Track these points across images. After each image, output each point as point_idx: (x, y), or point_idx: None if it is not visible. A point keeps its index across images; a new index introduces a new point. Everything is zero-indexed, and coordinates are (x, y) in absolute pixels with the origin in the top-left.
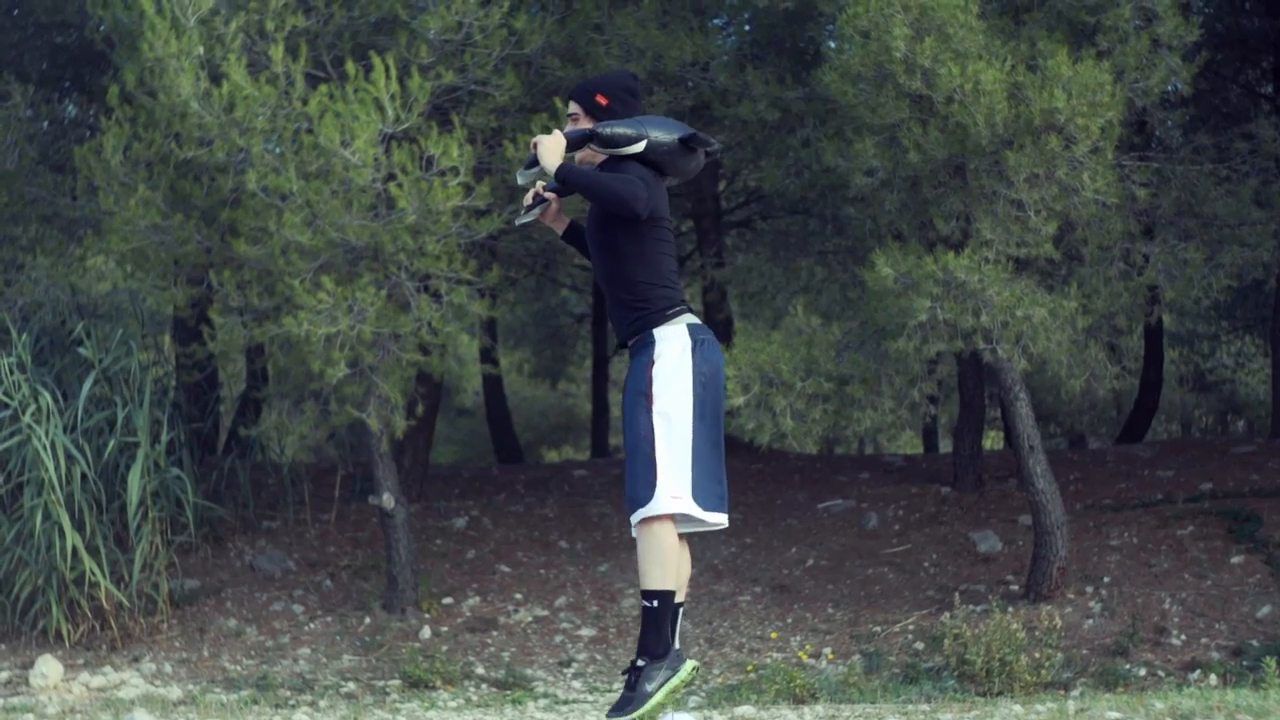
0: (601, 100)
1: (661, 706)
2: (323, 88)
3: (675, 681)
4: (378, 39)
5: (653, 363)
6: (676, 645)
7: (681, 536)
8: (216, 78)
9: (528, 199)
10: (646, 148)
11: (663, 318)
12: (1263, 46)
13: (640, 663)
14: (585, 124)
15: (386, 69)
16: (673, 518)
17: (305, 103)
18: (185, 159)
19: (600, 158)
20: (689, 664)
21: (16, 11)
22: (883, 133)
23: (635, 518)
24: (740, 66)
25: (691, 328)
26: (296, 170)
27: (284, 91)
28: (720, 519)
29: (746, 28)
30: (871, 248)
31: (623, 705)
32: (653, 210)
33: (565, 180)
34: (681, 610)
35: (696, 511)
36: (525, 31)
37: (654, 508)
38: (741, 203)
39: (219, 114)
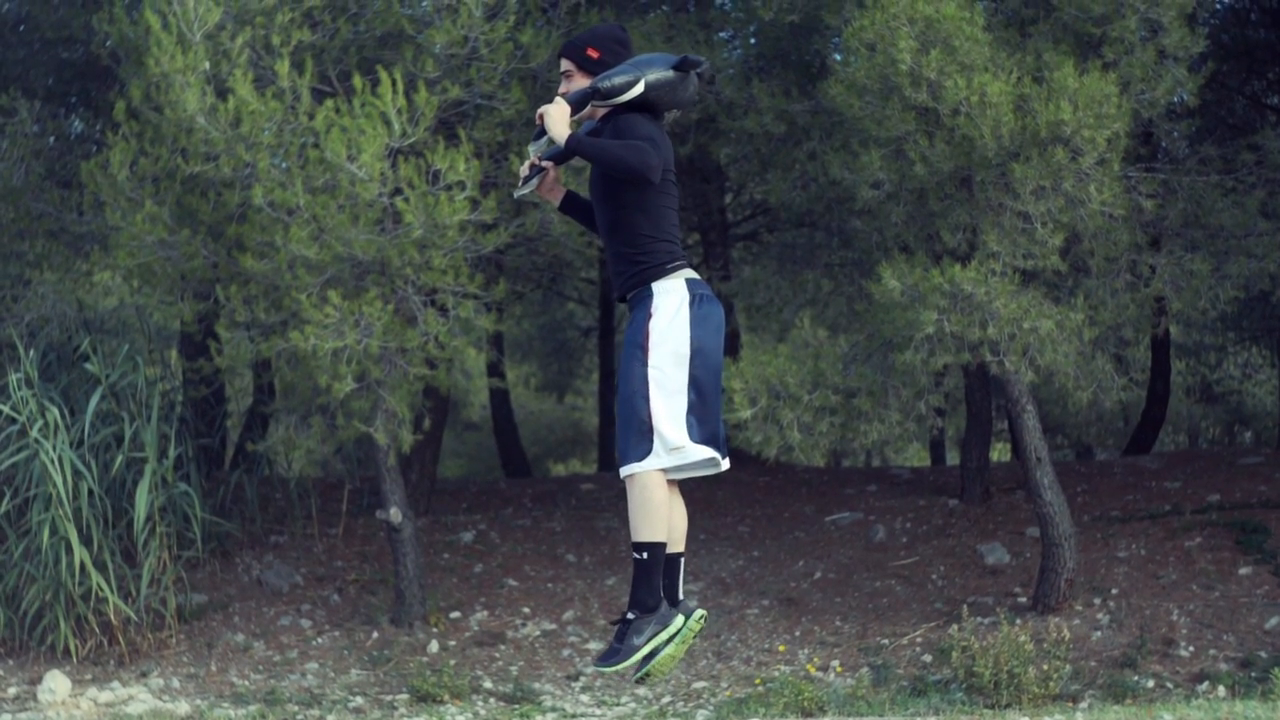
0: (593, 53)
1: (648, 657)
2: (329, 102)
3: (666, 634)
4: (384, 53)
5: (650, 316)
6: (681, 598)
7: (673, 484)
8: (223, 93)
9: (524, 169)
10: (646, 88)
11: (662, 271)
12: (1269, 57)
13: (630, 615)
14: (579, 79)
15: (393, 83)
16: (665, 469)
17: (311, 117)
18: (192, 174)
19: (602, 110)
20: (697, 613)
21: (23, 28)
22: (889, 145)
23: (625, 471)
24: (746, 80)
25: (690, 282)
26: (303, 185)
27: (290, 106)
28: (720, 459)
29: (752, 41)
30: (878, 260)
31: (609, 656)
32: (666, 163)
33: (575, 151)
34: (682, 562)
35: (701, 453)
36: (531, 45)
37: (650, 463)
38: (748, 216)
39: (225, 129)
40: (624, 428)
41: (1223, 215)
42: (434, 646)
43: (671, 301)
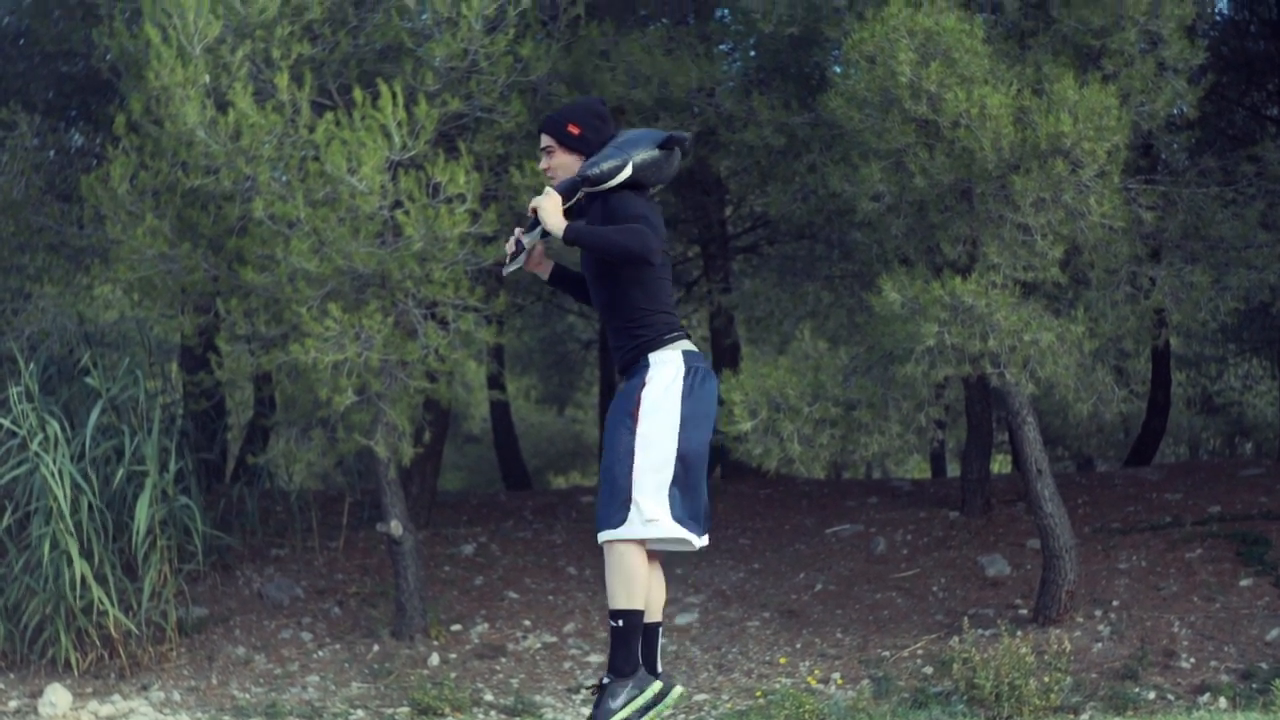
0: (573, 129)
1: None
2: (329, 115)
3: (643, 699)
4: (384, 66)
5: (644, 385)
6: (660, 668)
7: (653, 556)
8: (223, 106)
9: (510, 246)
10: (633, 170)
11: (660, 342)
12: (1269, 69)
13: (606, 680)
14: (559, 155)
15: (393, 96)
16: (641, 540)
17: (311, 130)
18: (192, 187)
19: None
20: (677, 690)
21: (23, 41)
22: (889, 157)
23: (602, 537)
24: (746, 92)
25: (687, 355)
26: (303, 198)
27: (290, 119)
28: (698, 539)
29: (752, 54)
30: (878, 272)
31: None
32: (660, 241)
33: (575, 242)
34: (659, 632)
35: (676, 532)
36: (531, 58)
37: (625, 532)
38: (748, 228)
39: (225, 142)
40: (604, 494)
41: (1223, 227)
42: (435, 659)
43: (666, 373)
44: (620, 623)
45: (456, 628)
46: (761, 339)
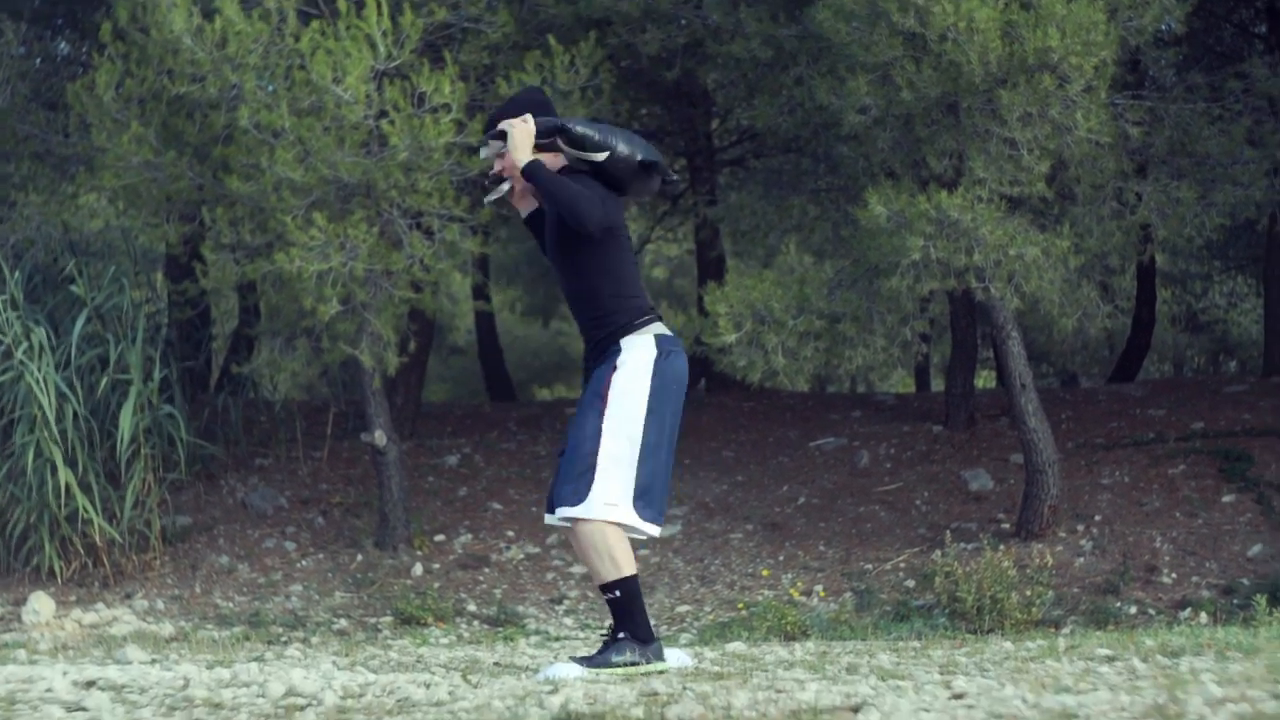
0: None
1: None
2: (314, 24)
3: (643, 669)
4: None
5: (615, 369)
6: (655, 635)
7: None
8: (209, 13)
9: (493, 171)
10: (609, 159)
11: (631, 327)
12: None
13: (621, 635)
14: (509, 156)
15: (379, 5)
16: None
17: (297, 39)
18: (177, 95)
19: (562, 161)
20: (659, 664)
21: None
22: (876, 71)
23: (559, 514)
24: (734, 4)
25: (659, 339)
26: (289, 107)
27: (276, 28)
28: (654, 529)
29: None
30: (864, 186)
31: (586, 659)
32: (610, 221)
33: (530, 177)
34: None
35: (632, 520)
36: None
37: (583, 512)
38: (734, 141)
39: (211, 50)
40: (565, 470)
41: (1209, 143)
42: (418, 569)
43: (638, 358)
44: (617, 593)
45: (440, 538)
46: (747, 252)
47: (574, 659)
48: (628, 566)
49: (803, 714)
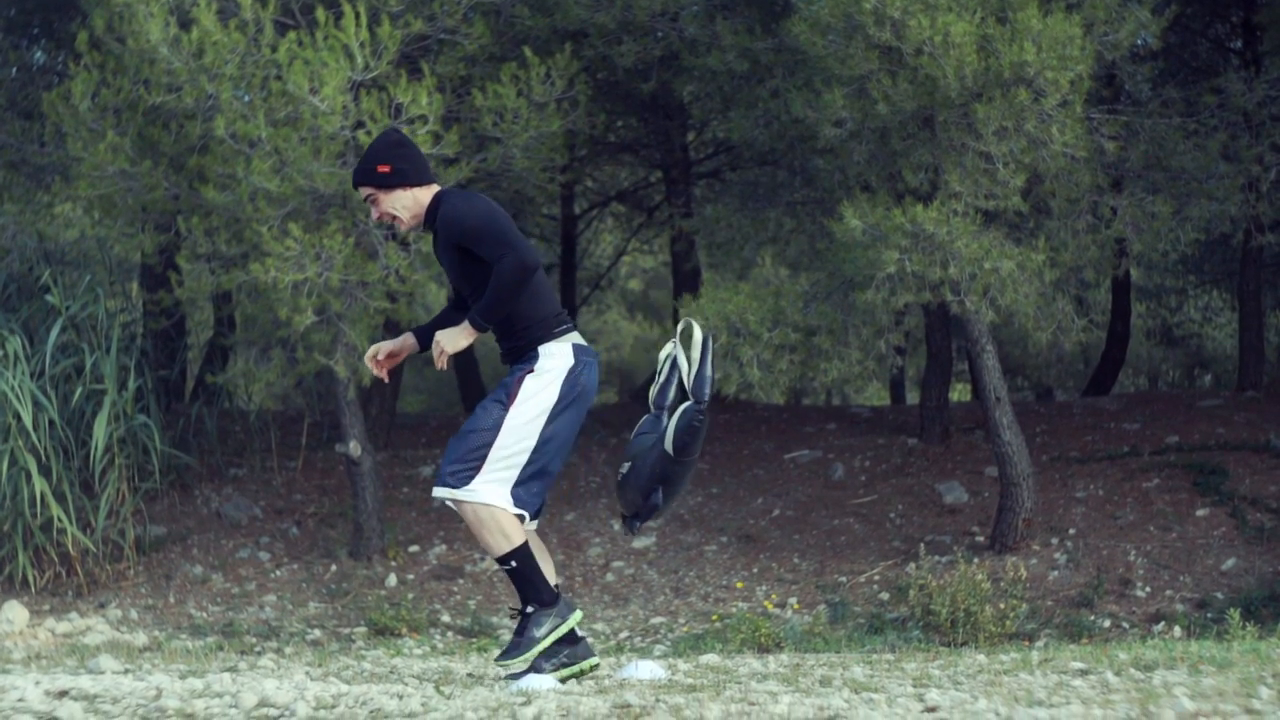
0: (384, 169)
1: (546, 654)
2: (291, 34)
3: (566, 627)
4: None
5: (529, 372)
6: (582, 636)
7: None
8: (186, 23)
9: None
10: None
11: (550, 336)
12: (1232, 1)
13: (529, 609)
14: (385, 198)
15: (356, 16)
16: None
17: (274, 49)
18: (154, 105)
19: (406, 217)
20: (592, 660)
21: None
22: (852, 84)
23: (443, 494)
24: (710, 17)
25: (577, 349)
26: (265, 117)
27: (253, 38)
28: (529, 524)
29: None
30: (840, 199)
31: (509, 651)
32: (533, 255)
33: (488, 325)
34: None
35: (508, 509)
36: None
37: (460, 495)
38: (710, 154)
39: (188, 60)
40: (454, 450)
41: (1184, 158)
42: (392, 580)
43: (556, 365)
44: (513, 563)
45: (414, 549)
46: (722, 264)
47: (498, 659)
48: (517, 536)
49: None
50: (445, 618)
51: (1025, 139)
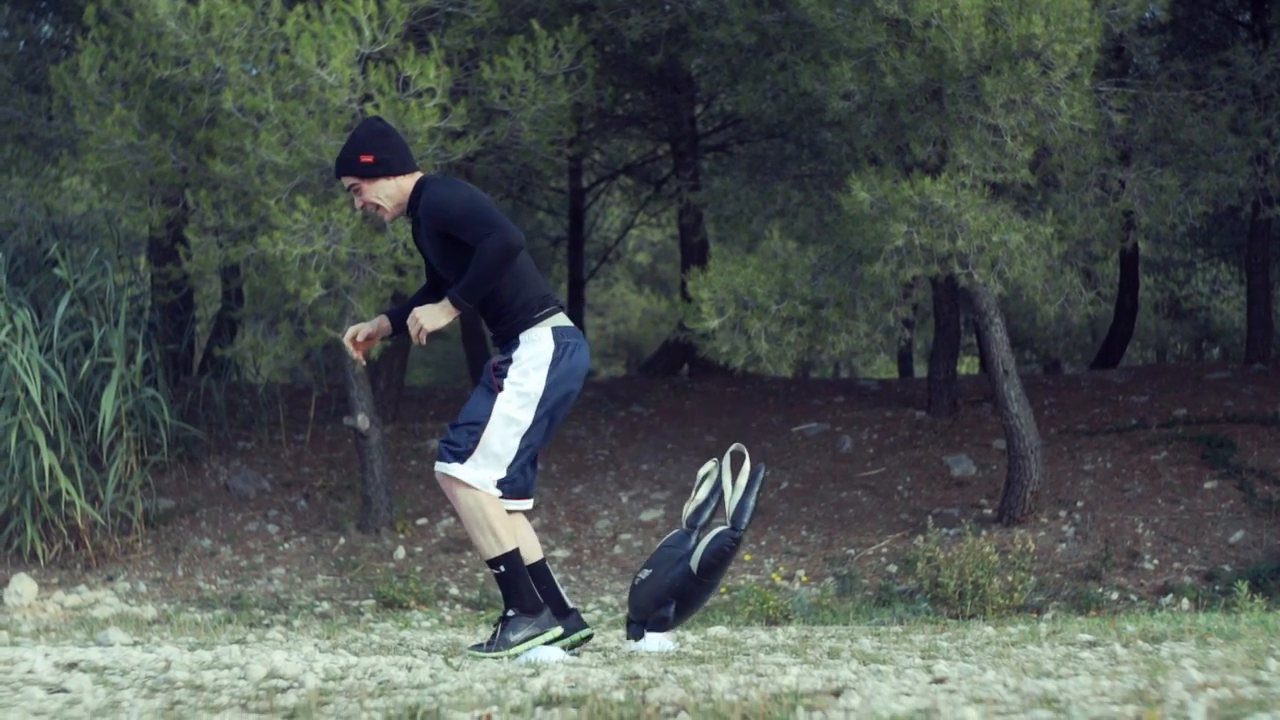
0: (367, 159)
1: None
2: (299, 7)
3: (542, 639)
4: None
5: (512, 361)
6: (572, 607)
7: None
8: None
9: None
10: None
11: (532, 321)
12: None
13: (510, 613)
14: (368, 187)
15: None
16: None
17: (282, 23)
18: (161, 78)
19: (389, 207)
20: (585, 632)
21: None
22: (860, 57)
23: (444, 466)
24: None
25: (558, 330)
26: (273, 90)
27: (260, 11)
28: (524, 504)
29: None
30: (848, 172)
31: (483, 645)
32: (517, 234)
33: (471, 302)
34: (547, 566)
35: (493, 494)
36: None
37: (462, 473)
38: (718, 126)
39: (196, 33)
40: (456, 431)
41: (1192, 131)
42: (400, 553)
43: (536, 350)
44: (502, 568)
45: (422, 521)
46: (730, 237)
47: (470, 649)
48: (509, 541)
49: (784, 698)
50: (453, 590)
51: (1033, 112)
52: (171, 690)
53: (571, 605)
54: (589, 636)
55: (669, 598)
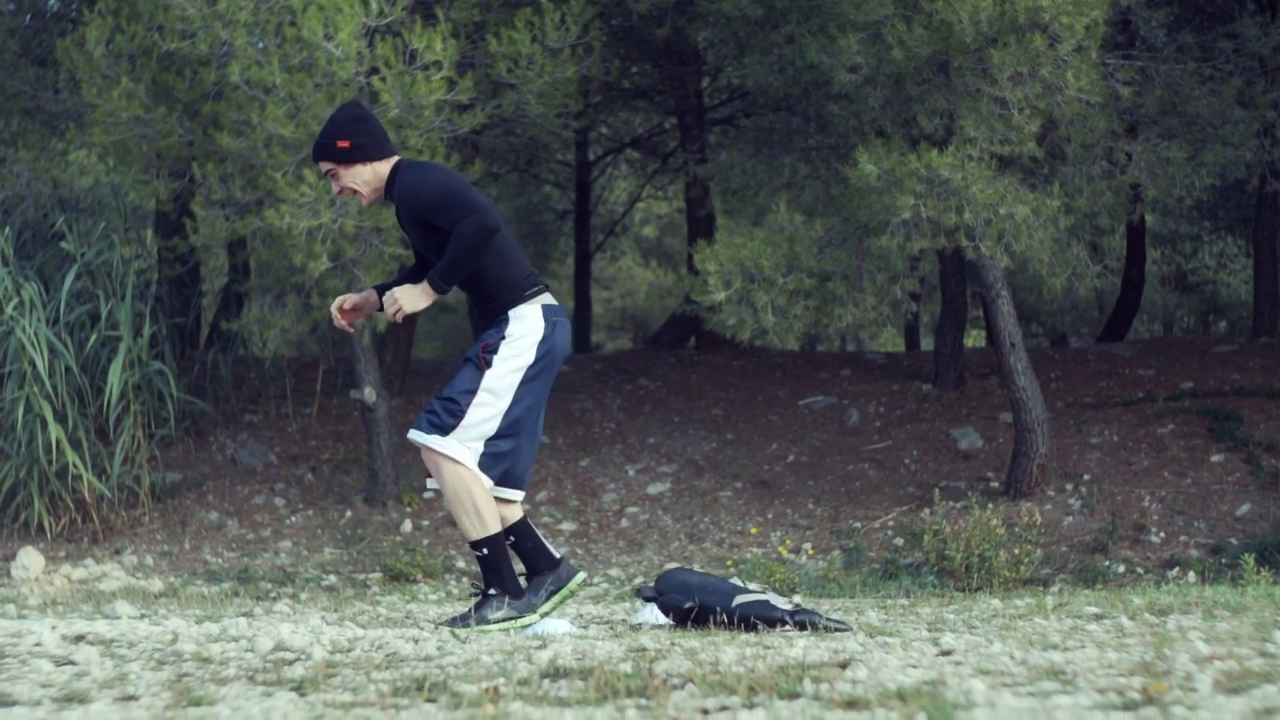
0: (344, 144)
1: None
2: None
3: (519, 623)
4: None
5: (502, 337)
6: (557, 555)
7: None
8: None
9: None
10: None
11: (520, 299)
12: None
13: (492, 591)
14: (344, 172)
15: None
16: (455, 461)
17: None
18: (168, 51)
19: (367, 193)
20: (579, 576)
21: None
22: (867, 29)
23: (420, 436)
24: None
25: (546, 309)
26: (279, 63)
27: None
28: (511, 493)
29: None
30: (855, 145)
31: (459, 619)
32: (495, 216)
33: (450, 284)
34: (529, 523)
35: (474, 468)
36: None
37: (441, 445)
38: (724, 99)
39: (202, 6)
40: (440, 404)
41: (1199, 103)
42: (407, 526)
43: (524, 328)
44: (485, 550)
45: (429, 495)
46: (737, 210)
47: (445, 622)
48: (493, 524)
49: (791, 670)
50: (460, 563)
51: (1040, 84)
52: (179, 662)
53: (558, 554)
54: (583, 581)
55: (697, 597)
